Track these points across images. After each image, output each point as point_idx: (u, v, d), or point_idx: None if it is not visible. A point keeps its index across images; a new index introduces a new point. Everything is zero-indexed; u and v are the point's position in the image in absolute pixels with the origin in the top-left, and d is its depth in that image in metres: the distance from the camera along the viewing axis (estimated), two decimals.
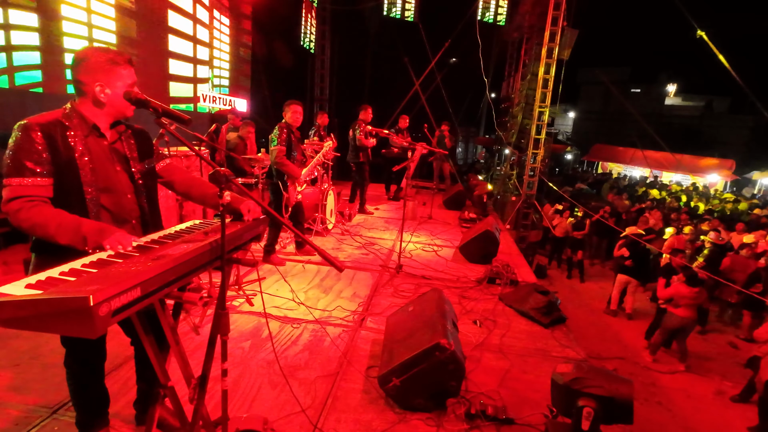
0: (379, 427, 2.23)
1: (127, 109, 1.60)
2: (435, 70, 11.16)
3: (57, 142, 1.48)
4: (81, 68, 1.53)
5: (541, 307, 3.66)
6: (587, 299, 8.33)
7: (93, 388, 1.81)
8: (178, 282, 1.31)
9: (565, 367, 2.11)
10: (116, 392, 2.20)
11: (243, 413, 2.19)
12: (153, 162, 1.79)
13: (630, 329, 7.01)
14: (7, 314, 1.05)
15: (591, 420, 1.85)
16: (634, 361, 5.97)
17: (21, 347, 2.65)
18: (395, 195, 8.67)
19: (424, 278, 4.42)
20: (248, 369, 2.62)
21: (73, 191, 1.52)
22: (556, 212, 9.88)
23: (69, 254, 1.30)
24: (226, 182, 1.38)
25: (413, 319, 2.76)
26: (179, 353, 1.55)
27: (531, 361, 3.02)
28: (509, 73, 13.60)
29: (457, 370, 2.35)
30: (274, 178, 4.34)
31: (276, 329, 3.15)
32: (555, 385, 2.12)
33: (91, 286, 1.04)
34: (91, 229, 1.39)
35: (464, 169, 16.28)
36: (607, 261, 10.49)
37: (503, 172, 11.90)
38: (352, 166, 6.86)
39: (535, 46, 9.67)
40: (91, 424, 1.83)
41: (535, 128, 9.12)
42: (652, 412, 4.89)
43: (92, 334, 1.00)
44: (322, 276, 4.29)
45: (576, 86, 31.82)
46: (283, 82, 10.44)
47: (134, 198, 1.68)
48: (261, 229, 1.81)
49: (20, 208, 1.40)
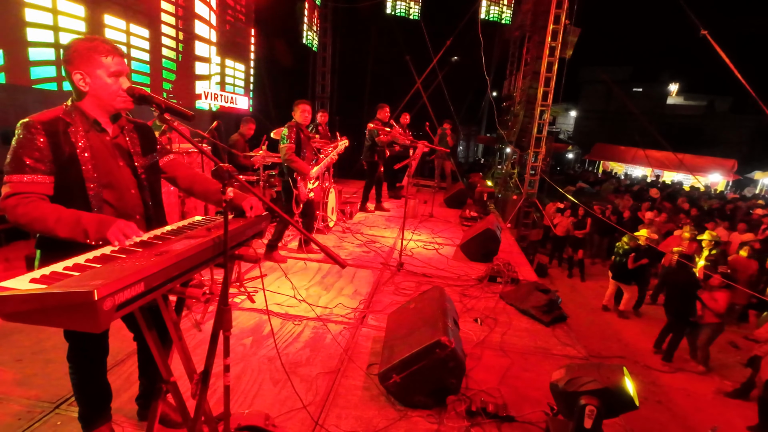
0: (380, 423, 2.23)
1: (115, 100, 1.56)
2: (437, 68, 11.14)
3: (59, 139, 1.48)
4: (64, 58, 1.53)
5: (542, 305, 3.66)
6: (588, 298, 8.33)
7: (96, 383, 1.82)
8: (182, 277, 1.31)
9: (557, 373, 2.12)
10: (119, 387, 2.21)
11: (244, 409, 2.19)
12: (156, 157, 1.79)
13: (630, 328, 7.02)
14: (12, 308, 1.05)
15: (594, 417, 1.84)
16: (634, 359, 5.97)
17: (23, 342, 2.66)
18: (396, 193, 8.68)
19: (425, 276, 4.42)
20: (250, 365, 2.63)
21: (76, 187, 1.52)
22: (557, 211, 9.88)
23: (74, 250, 1.30)
24: (229, 178, 1.39)
25: (414, 316, 2.77)
26: (182, 348, 1.55)
27: (532, 359, 3.03)
28: (511, 71, 13.57)
29: (457, 367, 2.36)
30: (285, 175, 4.37)
31: (277, 326, 3.15)
32: (555, 394, 2.12)
33: (96, 280, 1.04)
34: (90, 221, 1.39)
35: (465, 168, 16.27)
36: (608, 260, 10.49)
37: (504, 170, 11.89)
38: (365, 165, 6.87)
39: (537, 45, 9.65)
40: (94, 418, 1.83)
41: (536, 127, 9.11)
42: (652, 410, 4.90)
43: (96, 328, 1.00)
44: (324, 273, 4.30)
45: (577, 85, 31.79)
46: (284, 80, 10.41)
47: (138, 193, 1.68)
48: (263, 225, 1.81)
49: (17, 204, 1.40)
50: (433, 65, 10.81)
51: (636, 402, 1.96)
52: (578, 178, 18.89)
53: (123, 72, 1.57)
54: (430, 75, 11.14)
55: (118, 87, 1.55)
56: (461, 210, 7.72)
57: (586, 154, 27.57)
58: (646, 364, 5.88)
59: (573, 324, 3.79)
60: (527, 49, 11.41)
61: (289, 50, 10.42)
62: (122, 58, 1.57)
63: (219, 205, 1.84)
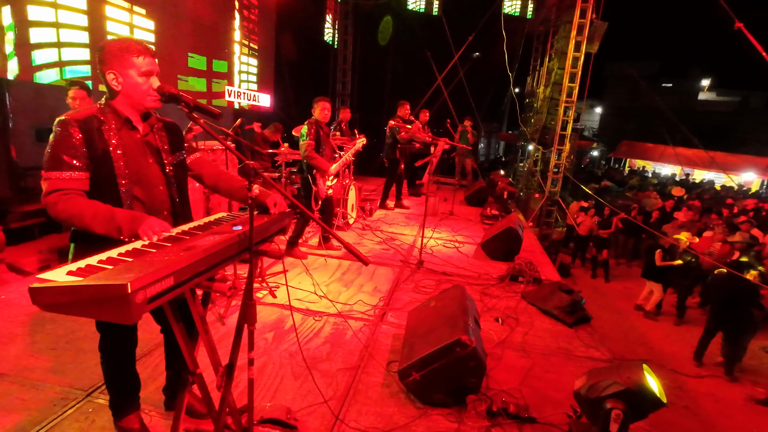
0: (401, 420, 2.24)
1: (145, 99, 1.60)
2: (458, 64, 11.02)
3: (93, 137, 1.53)
4: (99, 58, 1.57)
5: (564, 306, 3.60)
6: (612, 299, 8.14)
7: (125, 373, 1.88)
8: (208, 272, 1.34)
9: (579, 381, 2.07)
10: (146, 378, 2.28)
11: (266, 402, 2.24)
12: (184, 155, 1.83)
13: (657, 331, 6.83)
14: (49, 299, 1.10)
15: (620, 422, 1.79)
16: (660, 363, 5.81)
17: (57, 332, 2.77)
18: (416, 190, 8.65)
19: (445, 274, 4.40)
20: (271, 359, 2.67)
21: (108, 183, 1.57)
22: (581, 210, 9.67)
23: (105, 243, 1.35)
24: (254, 175, 1.41)
25: (434, 314, 2.76)
26: (208, 341, 1.59)
27: (554, 361, 2.98)
28: (534, 67, 13.32)
29: (477, 367, 2.34)
30: (304, 172, 4.42)
31: (299, 321, 3.19)
32: (580, 402, 2.07)
33: (128, 274, 1.08)
34: (124, 219, 1.43)
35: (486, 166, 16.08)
36: (634, 261, 10.23)
37: (526, 168, 11.70)
38: (386, 162, 6.87)
39: (562, 40, 9.44)
40: (124, 407, 1.89)
41: (560, 124, 8.93)
42: (679, 416, 4.76)
43: (129, 320, 1.04)
44: (344, 270, 4.32)
45: (603, 81, 30.96)
46: (305, 77, 10.49)
47: (165, 190, 1.73)
48: (286, 222, 1.84)
49: (57, 200, 1.46)
50: (454, 61, 10.70)
51: (663, 399, 1.88)
52: (603, 177, 18.43)
53: (154, 72, 1.61)
54: (451, 71, 11.03)
55: (148, 86, 1.59)
56: (482, 208, 7.64)
57: (611, 151, 26.88)
58: (673, 368, 5.71)
59: (597, 326, 3.70)
60: (551, 44, 11.17)
61: (310, 47, 10.49)
62: (153, 58, 1.61)
63: (243, 202, 1.88)
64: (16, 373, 2.33)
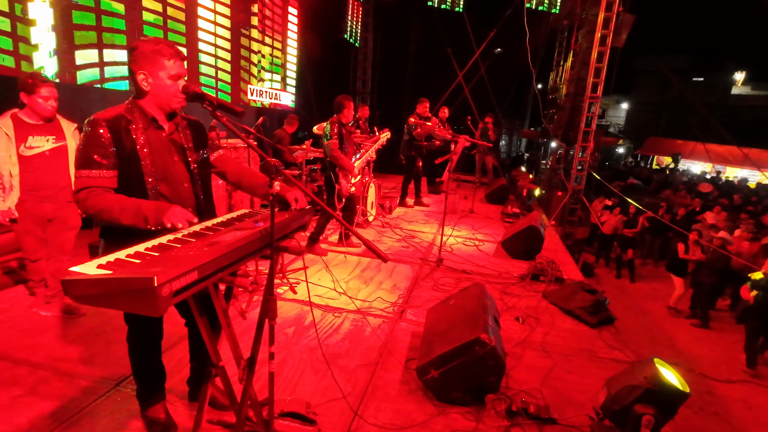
0: (419, 418, 2.24)
1: (172, 100, 1.66)
2: (479, 60, 10.89)
3: (121, 136, 1.59)
4: (130, 58, 1.63)
5: (587, 306, 3.52)
6: (638, 300, 7.93)
7: (151, 364, 1.94)
8: (231, 267, 1.37)
9: (601, 395, 2.03)
10: (171, 369, 2.34)
11: (287, 396, 2.27)
12: (207, 152, 1.88)
13: (684, 334, 6.62)
14: (81, 291, 1.14)
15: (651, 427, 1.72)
16: (688, 367, 5.63)
17: (87, 323, 2.88)
18: (436, 188, 8.61)
19: (465, 273, 4.37)
20: (291, 354, 2.71)
21: (136, 181, 1.62)
22: (605, 208, 9.44)
23: (132, 238, 1.40)
24: (276, 172, 1.43)
25: (454, 312, 2.74)
26: (230, 335, 1.63)
27: (576, 361, 2.93)
28: (558, 62, 13.04)
29: (497, 366, 2.32)
30: (327, 170, 4.46)
31: (318, 317, 3.23)
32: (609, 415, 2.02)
33: (155, 268, 1.11)
34: (150, 209, 1.48)
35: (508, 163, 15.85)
36: (661, 261, 9.92)
37: (549, 165, 11.48)
38: (403, 159, 6.88)
39: (587, 34, 9.20)
40: (150, 397, 1.96)
41: (584, 120, 8.72)
42: (708, 422, 4.60)
43: (156, 312, 1.07)
44: (363, 267, 4.35)
45: (630, 75, 30.04)
46: (326, 75, 10.57)
47: (190, 187, 1.77)
48: (307, 218, 1.86)
49: (87, 197, 1.53)
50: (475, 57, 10.58)
51: (686, 389, 1.81)
52: (629, 174, 17.92)
53: (182, 75, 1.66)
54: (473, 68, 10.92)
55: (176, 89, 1.64)
56: (503, 206, 7.54)
57: (638, 148, 26.09)
58: (701, 372, 5.52)
59: (621, 327, 3.61)
60: (576, 38, 10.91)
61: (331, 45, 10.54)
62: (183, 61, 1.67)
63: (265, 198, 1.90)
64: (50, 362, 2.44)
